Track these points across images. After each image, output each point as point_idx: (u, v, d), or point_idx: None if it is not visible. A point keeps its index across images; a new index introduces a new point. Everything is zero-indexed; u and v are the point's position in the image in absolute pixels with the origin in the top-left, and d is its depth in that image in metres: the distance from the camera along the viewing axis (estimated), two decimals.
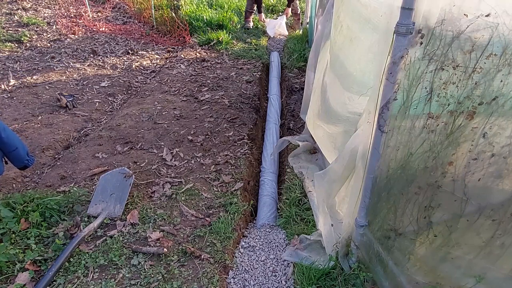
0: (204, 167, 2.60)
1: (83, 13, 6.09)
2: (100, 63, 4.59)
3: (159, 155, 2.72)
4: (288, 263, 1.90)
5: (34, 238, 1.87)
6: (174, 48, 5.22)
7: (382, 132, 1.24)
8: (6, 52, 4.63)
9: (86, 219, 2.04)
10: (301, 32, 5.58)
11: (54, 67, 4.35)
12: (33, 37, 5.13)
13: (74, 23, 5.72)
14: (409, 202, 1.34)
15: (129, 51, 5.03)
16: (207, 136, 2.98)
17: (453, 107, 1.11)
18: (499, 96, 1.05)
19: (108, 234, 1.95)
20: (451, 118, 1.13)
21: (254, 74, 4.27)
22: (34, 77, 4.07)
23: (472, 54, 1.02)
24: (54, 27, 5.53)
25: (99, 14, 6.31)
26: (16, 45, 4.86)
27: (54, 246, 1.83)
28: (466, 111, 1.10)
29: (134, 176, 2.29)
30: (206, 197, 2.30)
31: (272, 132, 3.23)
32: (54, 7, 6.27)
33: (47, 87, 3.86)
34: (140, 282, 1.69)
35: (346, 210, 1.62)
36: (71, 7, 6.37)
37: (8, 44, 4.79)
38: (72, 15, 6.03)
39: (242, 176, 2.52)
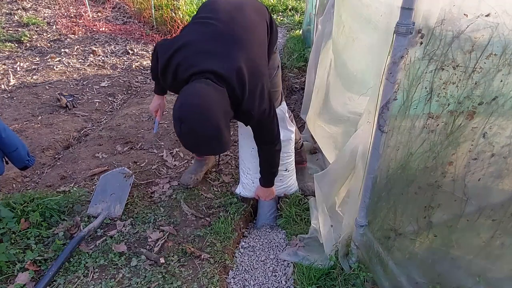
0: None
1: (83, 13, 6.10)
2: (100, 63, 4.60)
3: (159, 155, 2.72)
4: (288, 263, 1.90)
5: (34, 238, 1.87)
6: None
7: (382, 132, 1.24)
8: (6, 52, 4.63)
9: (86, 219, 2.04)
10: (301, 32, 5.58)
11: (54, 67, 4.35)
12: (33, 37, 5.13)
13: (74, 23, 5.72)
14: (409, 202, 1.34)
15: (129, 51, 5.03)
16: None
17: (453, 107, 1.11)
18: (499, 96, 1.05)
19: (108, 234, 1.95)
20: (451, 118, 1.13)
21: None
22: (34, 77, 4.07)
23: (472, 54, 1.02)
24: (54, 27, 5.53)
25: (99, 14, 6.31)
26: (16, 45, 4.86)
27: (54, 246, 1.83)
28: (466, 111, 1.10)
29: (134, 176, 2.29)
30: (206, 197, 2.30)
31: None
32: (54, 7, 6.28)
33: (47, 87, 3.86)
34: (140, 282, 1.69)
35: (346, 210, 1.62)
36: (71, 7, 6.37)
37: (8, 44, 4.80)
38: (72, 15, 6.03)
39: None
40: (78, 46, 4.99)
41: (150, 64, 1.80)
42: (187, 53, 1.50)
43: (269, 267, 1.89)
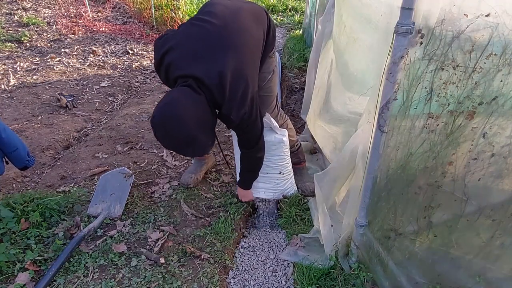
0: None
1: (83, 13, 6.10)
2: (100, 63, 4.60)
3: (159, 155, 2.72)
4: (288, 263, 1.90)
5: (34, 238, 1.87)
6: None
7: (382, 132, 1.24)
8: (6, 52, 4.64)
9: (86, 219, 2.04)
10: (301, 32, 5.58)
11: (54, 67, 4.35)
12: (33, 37, 5.13)
13: (74, 23, 5.72)
14: (409, 202, 1.34)
15: (129, 51, 5.03)
16: None
17: (453, 107, 1.11)
18: (499, 96, 1.05)
19: (108, 234, 1.95)
20: (451, 118, 1.13)
21: None
22: (34, 77, 4.07)
23: (472, 54, 1.02)
24: (54, 27, 5.53)
25: (99, 14, 6.31)
26: (16, 45, 4.87)
27: (54, 246, 1.83)
28: (466, 111, 1.10)
29: (134, 176, 2.29)
30: (206, 197, 2.30)
31: None
32: (54, 7, 6.28)
33: (47, 87, 3.86)
34: (140, 282, 1.69)
35: (346, 210, 1.62)
36: (71, 7, 6.37)
37: (8, 44, 4.80)
38: (72, 15, 6.03)
39: None
40: (78, 46, 4.99)
41: None
42: (175, 55, 1.57)
43: (269, 267, 1.89)
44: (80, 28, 5.57)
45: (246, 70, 1.59)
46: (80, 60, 4.62)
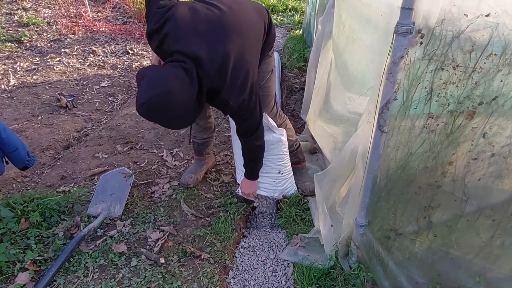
0: None
1: (83, 13, 6.09)
2: (100, 63, 4.60)
3: (159, 155, 2.72)
4: (288, 263, 1.90)
5: (34, 238, 1.87)
6: None
7: (382, 132, 1.24)
8: (6, 52, 4.63)
9: (86, 219, 2.04)
10: (301, 32, 5.58)
11: (54, 67, 4.35)
12: (33, 37, 5.13)
13: (74, 23, 5.72)
14: (409, 202, 1.34)
15: (129, 51, 5.03)
16: None
17: (453, 107, 1.11)
18: (499, 96, 1.05)
19: (108, 234, 1.95)
20: (451, 118, 1.13)
21: None
22: (34, 77, 4.07)
23: (472, 54, 1.02)
24: (54, 27, 5.53)
25: (99, 14, 6.30)
26: (16, 45, 4.86)
27: (54, 246, 1.83)
28: (466, 111, 1.10)
29: (134, 176, 2.29)
30: (206, 197, 2.30)
31: None
32: (54, 7, 6.27)
33: (47, 87, 3.86)
34: (140, 282, 1.69)
35: (346, 210, 1.62)
36: (71, 7, 6.36)
37: (8, 44, 4.79)
38: (72, 15, 6.03)
39: None
40: (78, 46, 4.99)
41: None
42: (177, 25, 1.48)
43: (269, 267, 1.89)
44: (80, 28, 5.56)
45: (248, 56, 1.58)
46: (80, 60, 4.62)
